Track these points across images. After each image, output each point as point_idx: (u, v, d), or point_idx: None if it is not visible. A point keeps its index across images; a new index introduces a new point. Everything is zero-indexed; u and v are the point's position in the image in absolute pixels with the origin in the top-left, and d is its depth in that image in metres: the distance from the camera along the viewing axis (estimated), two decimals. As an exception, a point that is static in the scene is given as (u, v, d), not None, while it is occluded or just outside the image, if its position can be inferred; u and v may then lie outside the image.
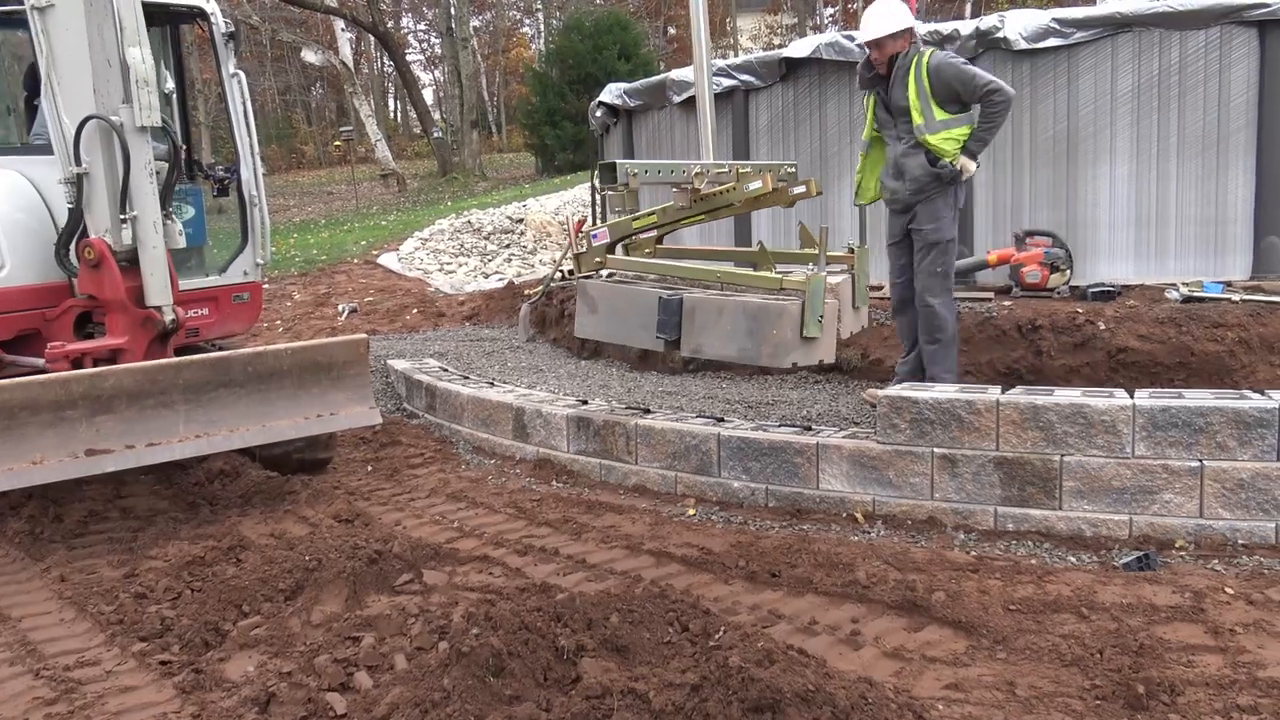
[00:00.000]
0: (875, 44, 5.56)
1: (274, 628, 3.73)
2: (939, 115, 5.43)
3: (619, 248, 4.94)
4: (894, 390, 4.96)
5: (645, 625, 3.41)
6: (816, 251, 4.77)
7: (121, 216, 5.17)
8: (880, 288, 6.81)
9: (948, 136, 5.44)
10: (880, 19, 5.53)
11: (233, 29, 6.13)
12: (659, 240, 5.16)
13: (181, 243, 5.50)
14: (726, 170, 5.00)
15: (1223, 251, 6.93)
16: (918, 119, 5.46)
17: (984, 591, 3.90)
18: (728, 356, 4.39)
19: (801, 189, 5.06)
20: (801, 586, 4.08)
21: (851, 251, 4.73)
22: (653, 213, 4.96)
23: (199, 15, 6.11)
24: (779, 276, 4.42)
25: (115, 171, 5.15)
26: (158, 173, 5.24)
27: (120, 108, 5.10)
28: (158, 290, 5.30)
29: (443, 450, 6.78)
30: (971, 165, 5.34)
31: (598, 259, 4.86)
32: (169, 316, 5.33)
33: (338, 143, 39.14)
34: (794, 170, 5.36)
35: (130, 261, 5.24)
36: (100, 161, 5.14)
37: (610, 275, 4.80)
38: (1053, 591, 3.89)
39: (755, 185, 4.92)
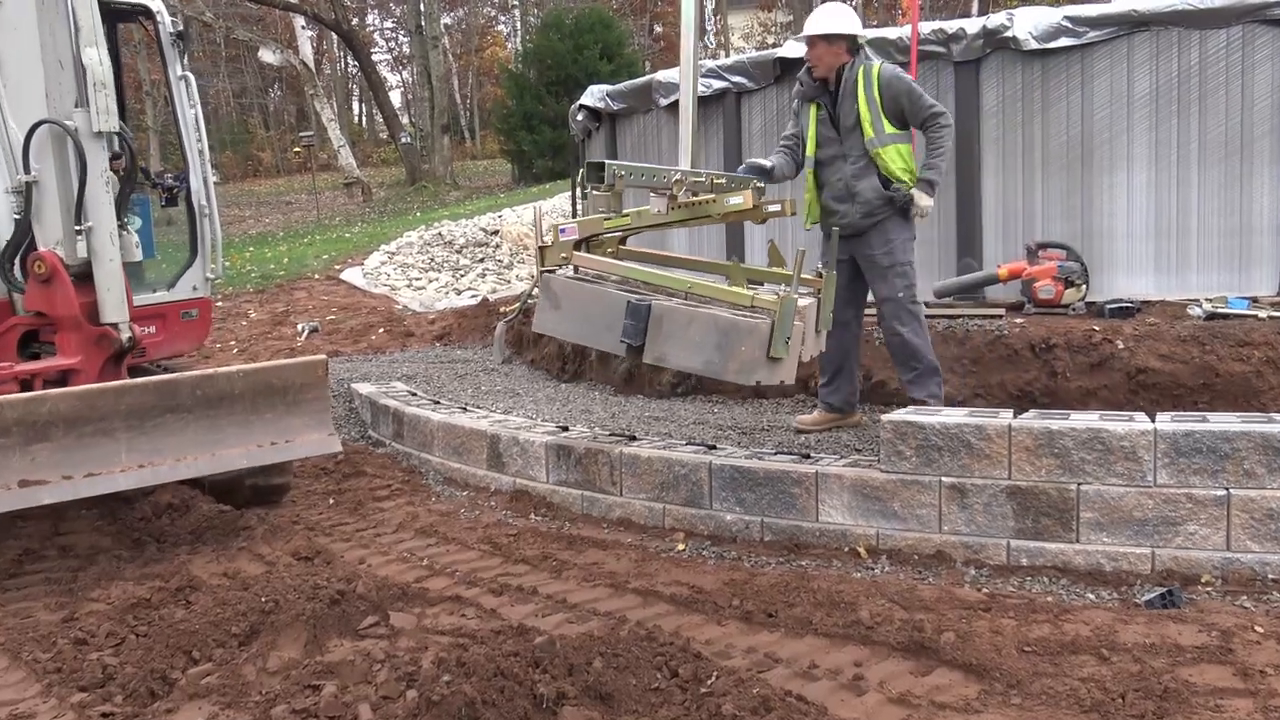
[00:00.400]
0: (815, 43, 5.64)
1: (226, 676, 3.69)
2: (888, 129, 5.56)
3: (584, 245, 5.08)
4: (899, 415, 4.98)
5: (631, 671, 3.40)
6: (784, 270, 4.96)
7: (76, 228, 5.17)
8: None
9: (898, 152, 5.57)
10: (827, 16, 5.64)
11: (181, 29, 6.14)
12: (622, 241, 5.26)
13: (138, 255, 5.51)
14: (703, 180, 5.15)
15: (1248, 265, 6.99)
16: (869, 132, 5.57)
17: (997, 632, 3.90)
18: (692, 368, 4.60)
19: (776, 208, 5.23)
20: (800, 627, 4.07)
21: (819, 276, 4.94)
22: (627, 215, 5.07)
23: (143, 14, 6.13)
24: (750, 293, 4.59)
25: (69, 180, 5.16)
26: (112, 181, 5.25)
27: (74, 112, 5.11)
28: (114, 306, 5.29)
29: (411, 481, 6.76)
30: (927, 201, 5.34)
31: (563, 254, 4.96)
32: (125, 334, 5.33)
33: (298, 149, 39.19)
34: (762, 186, 5.49)
35: (82, 276, 5.23)
36: (52, 169, 5.15)
37: (575, 272, 4.92)
38: (1070, 631, 3.90)
39: (736, 200, 5.08)
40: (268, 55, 32.51)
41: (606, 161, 4.80)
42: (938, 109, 5.47)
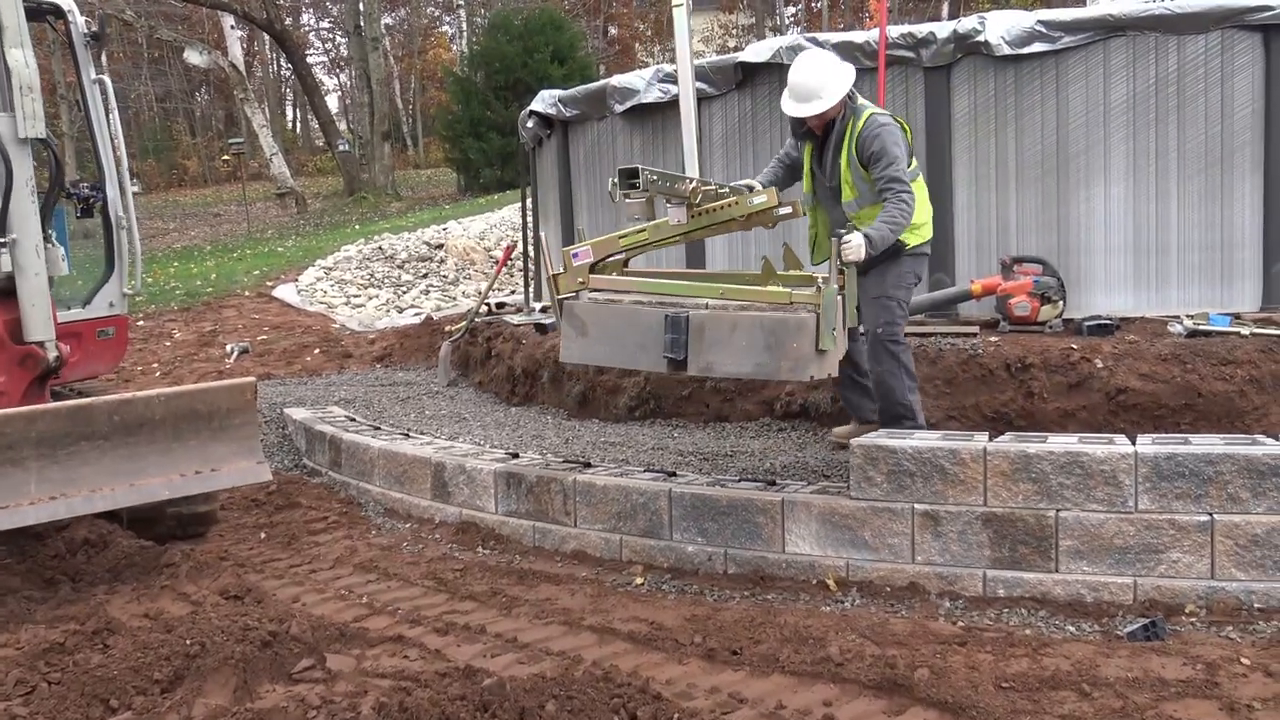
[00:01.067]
0: (817, 117, 5.59)
1: (148, 726, 3.64)
2: (871, 189, 5.54)
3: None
4: (868, 439, 5.02)
5: (587, 714, 3.39)
6: (800, 272, 5.21)
7: (0, 240, 5.13)
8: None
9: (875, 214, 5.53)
10: (822, 94, 5.49)
11: (95, 29, 6.11)
12: (625, 263, 5.33)
13: (64, 269, 5.51)
14: (713, 188, 5.25)
15: (1229, 280, 7.13)
16: (848, 194, 5.61)
17: (973, 667, 3.93)
18: (743, 373, 4.75)
19: (787, 210, 5.30)
20: (767, 665, 4.08)
21: (842, 273, 5.02)
22: (643, 229, 5.15)
23: (53, 13, 6.08)
24: (788, 291, 4.74)
25: None
26: (39, 191, 5.26)
27: (0, 116, 5.10)
28: (40, 324, 5.28)
29: (349, 513, 6.70)
30: (858, 250, 5.18)
31: (580, 279, 5.07)
32: (52, 353, 5.29)
33: (226, 157, 38.96)
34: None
35: (2, 292, 5.19)
36: None
37: (596, 295, 5.04)
38: (1050, 666, 3.94)
39: (760, 199, 5.19)
40: (194, 57, 32.24)
41: (639, 166, 4.81)
42: (898, 178, 5.39)
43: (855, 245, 5.11)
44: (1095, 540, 4.59)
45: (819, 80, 5.51)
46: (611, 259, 5.26)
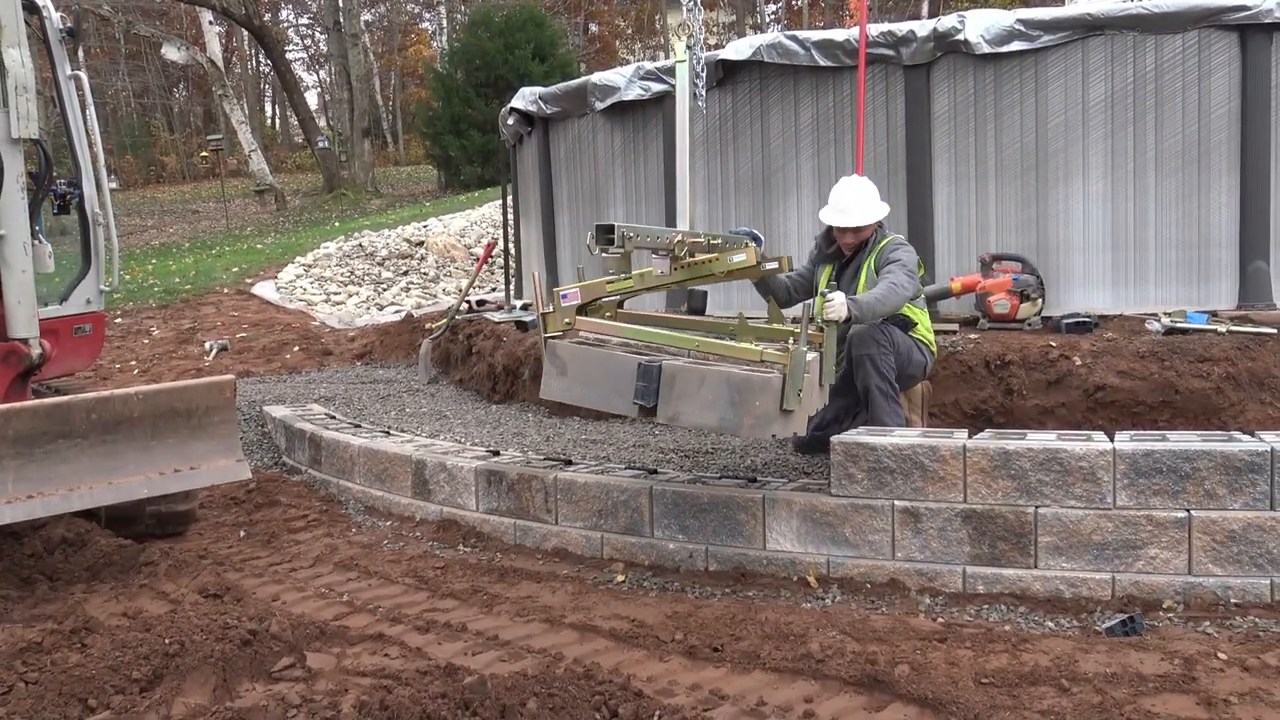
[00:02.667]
0: (845, 231, 5.86)
1: (126, 725, 3.62)
2: None
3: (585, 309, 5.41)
4: (849, 436, 5.04)
5: (568, 711, 3.38)
6: (785, 326, 5.41)
7: None
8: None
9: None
10: (861, 209, 5.81)
11: (70, 25, 6.08)
12: (620, 304, 5.56)
13: (51, 266, 5.52)
14: (702, 240, 5.48)
15: (1207, 278, 7.19)
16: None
17: (953, 663, 3.95)
18: (708, 426, 4.84)
19: (773, 265, 5.61)
20: (748, 662, 4.09)
21: (821, 331, 5.17)
22: (629, 278, 5.34)
23: (27, 8, 6.03)
24: (759, 349, 4.85)
25: None
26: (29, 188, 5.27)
27: None
28: (25, 321, 5.28)
29: (330, 511, 6.68)
30: (839, 309, 5.18)
31: (566, 320, 5.19)
32: (35, 351, 5.27)
33: (205, 153, 38.72)
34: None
35: None
36: None
37: (579, 337, 5.20)
38: (1029, 661, 3.96)
39: (739, 257, 5.43)
40: (172, 52, 32.06)
41: (616, 225, 5.05)
42: (898, 271, 5.58)
43: (837, 304, 5.19)
44: (1074, 536, 4.62)
45: (862, 200, 5.85)
46: (606, 300, 5.40)
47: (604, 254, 5.17)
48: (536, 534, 5.78)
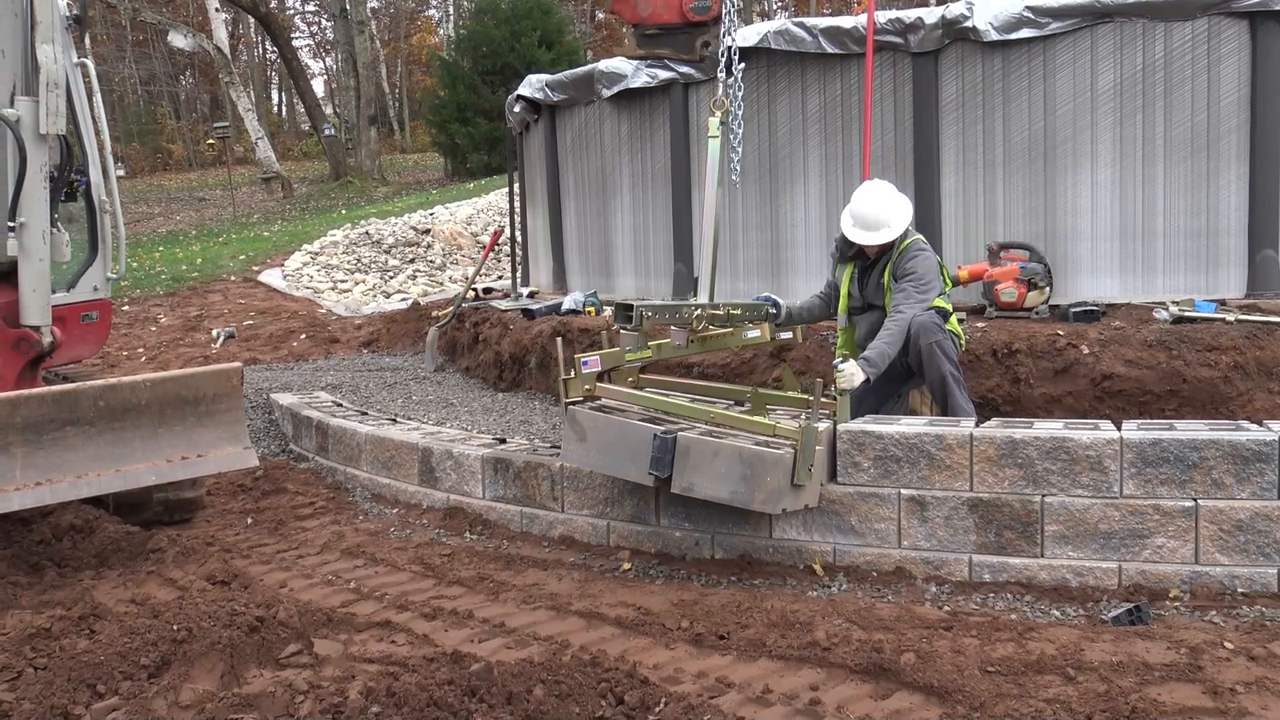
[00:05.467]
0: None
1: (135, 711, 3.63)
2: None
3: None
4: (855, 425, 5.03)
5: (574, 699, 3.39)
6: (797, 394, 5.59)
7: (10, 224, 5.19)
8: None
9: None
10: (892, 221, 5.77)
11: (77, 13, 6.09)
12: (642, 369, 5.73)
13: (67, 255, 5.59)
14: (720, 310, 5.61)
15: (1215, 266, 7.16)
16: (889, 308, 5.76)
17: (959, 652, 3.95)
18: (719, 498, 4.87)
19: (788, 335, 5.84)
20: (753, 650, 4.09)
21: (834, 399, 5.24)
22: (647, 349, 5.47)
23: None
24: (772, 423, 4.92)
25: (0, 174, 5.17)
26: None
27: (19, 100, 5.16)
28: (38, 309, 5.36)
29: (336, 499, 6.70)
30: (850, 379, 5.23)
31: (587, 386, 5.35)
32: (47, 339, 5.31)
33: (211, 141, 38.73)
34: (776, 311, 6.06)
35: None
36: None
37: (599, 404, 5.34)
38: (1035, 650, 3.96)
39: (753, 334, 5.70)
40: (178, 40, 32.00)
41: (634, 304, 5.21)
42: (902, 309, 5.59)
43: (848, 374, 5.24)
44: (1080, 525, 4.62)
45: (887, 213, 5.82)
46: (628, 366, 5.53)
47: (622, 332, 5.30)
48: (543, 522, 5.79)
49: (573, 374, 5.31)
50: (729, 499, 4.80)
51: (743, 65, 5.97)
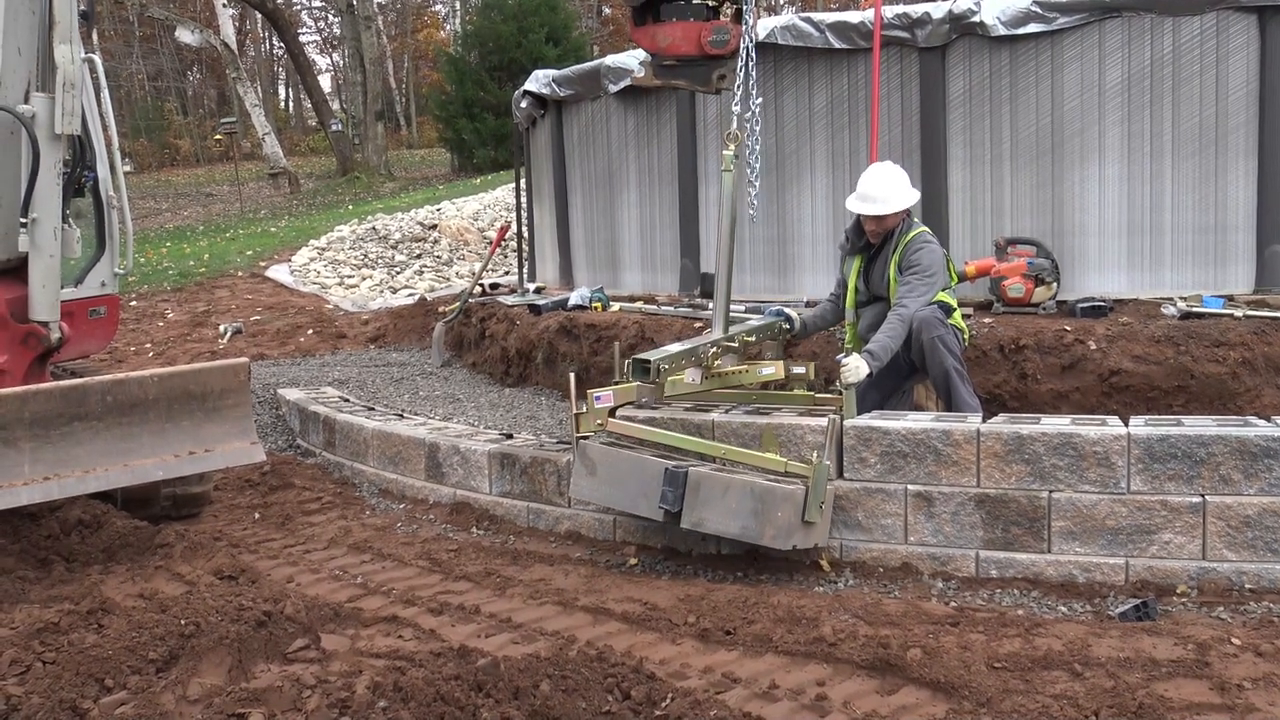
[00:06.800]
0: (878, 219, 5.85)
1: (143, 705, 3.64)
2: None
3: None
4: (862, 420, 5.03)
5: (581, 693, 3.40)
6: (802, 391, 5.64)
7: (22, 220, 5.20)
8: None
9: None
10: (886, 199, 5.79)
11: (84, 8, 6.10)
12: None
13: (78, 251, 5.60)
14: (735, 342, 5.68)
15: (1223, 262, 7.13)
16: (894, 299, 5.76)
17: (965, 647, 3.95)
18: (730, 533, 4.89)
19: (801, 370, 5.80)
20: (760, 645, 4.09)
21: (839, 395, 5.27)
22: (661, 386, 5.44)
23: None
24: (784, 460, 4.93)
25: (13, 170, 5.20)
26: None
27: (35, 96, 5.18)
28: (48, 305, 5.36)
29: (343, 494, 6.70)
30: (855, 372, 5.25)
31: (599, 420, 5.32)
32: (55, 334, 5.33)
33: (218, 136, 38.70)
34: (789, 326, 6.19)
35: (4, 271, 5.24)
36: None
37: (609, 438, 5.32)
38: (1042, 646, 3.96)
39: (769, 371, 5.69)
40: (186, 35, 32.09)
41: (650, 360, 5.20)
42: (906, 302, 5.60)
43: (852, 368, 5.24)
44: (1088, 521, 4.61)
45: (886, 189, 5.84)
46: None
47: (639, 384, 5.28)
48: (550, 517, 5.79)
49: (584, 409, 5.32)
50: (739, 534, 4.81)
51: (760, 101, 5.97)
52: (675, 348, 5.47)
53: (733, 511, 4.78)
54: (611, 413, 5.35)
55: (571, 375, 5.61)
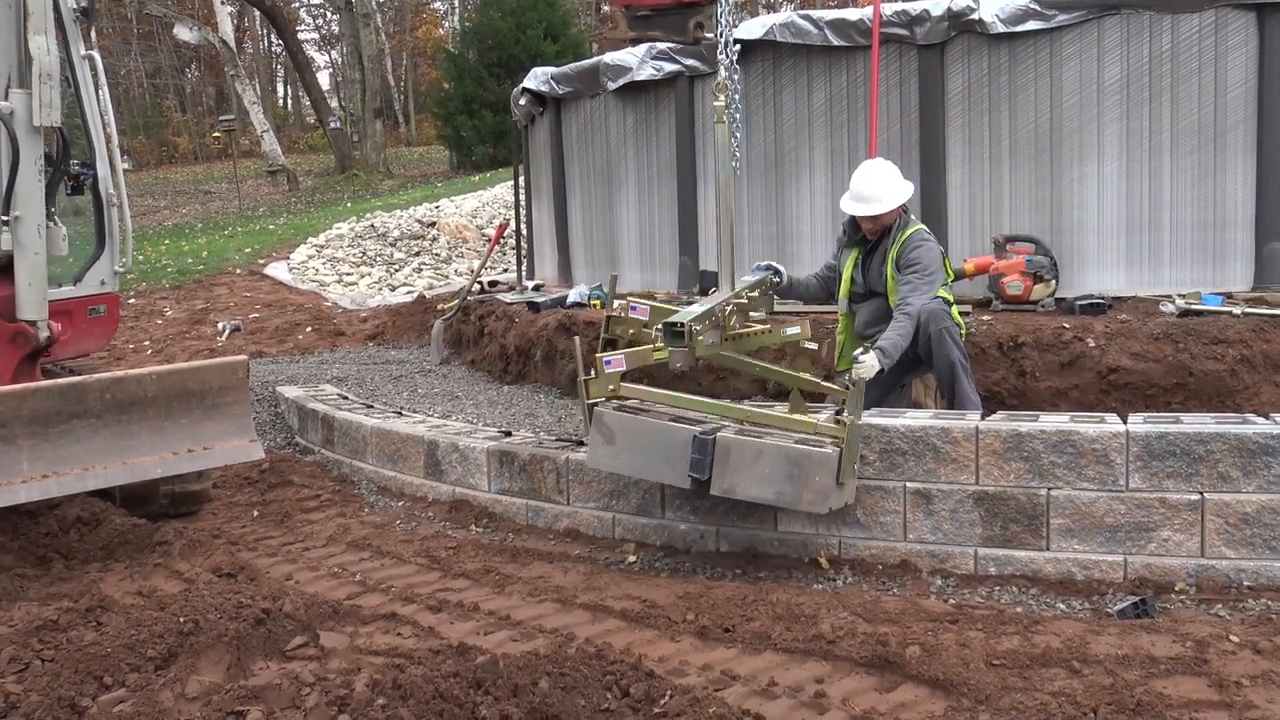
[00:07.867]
0: (874, 217, 5.82)
1: (142, 702, 3.64)
2: None
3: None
4: (861, 418, 5.02)
5: (580, 691, 3.40)
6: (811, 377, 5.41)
7: (4, 218, 5.17)
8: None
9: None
10: (881, 199, 5.76)
11: (84, 5, 6.09)
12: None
13: (64, 249, 5.54)
14: (743, 299, 5.44)
15: (1222, 259, 7.14)
16: (893, 298, 5.74)
17: (964, 645, 3.95)
18: (764, 499, 4.76)
19: (813, 346, 5.61)
20: (758, 643, 4.10)
21: (843, 389, 5.13)
22: (693, 349, 5.22)
23: None
24: (813, 420, 4.77)
25: None
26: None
27: (13, 93, 5.14)
28: (34, 303, 5.33)
29: (342, 491, 6.70)
30: (870, 370, 5.17)
31: (611, 386, 5.13)
32: (44, 333, 5.30)
33: (217, 134, 38.66)
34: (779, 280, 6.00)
35: None
36: None
37: (624, 404, 5.11)
38: (1040, 643, 3.96)
39: (793, 330, 5.51)
40: (184, 33, 32.04)
41: (685, 323, 4.85)
42: (910, 300, 5.56)
43: (868, 365, 5.16)
44: (1086, 519, 4.61)
45: (879, 188, 5.79)
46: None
47: (671, 349, 5.02)
48: (548, 515, 5.79)
49: (594, 374, 5.15)
50: (774, 500, 4.70)
51: (738, 47, 5.79)
52: (696, 309, 5.22)
53: (766, 477, 4.65)
54: (623, 378, 5.17)
55: (577, 340, 5.46)
